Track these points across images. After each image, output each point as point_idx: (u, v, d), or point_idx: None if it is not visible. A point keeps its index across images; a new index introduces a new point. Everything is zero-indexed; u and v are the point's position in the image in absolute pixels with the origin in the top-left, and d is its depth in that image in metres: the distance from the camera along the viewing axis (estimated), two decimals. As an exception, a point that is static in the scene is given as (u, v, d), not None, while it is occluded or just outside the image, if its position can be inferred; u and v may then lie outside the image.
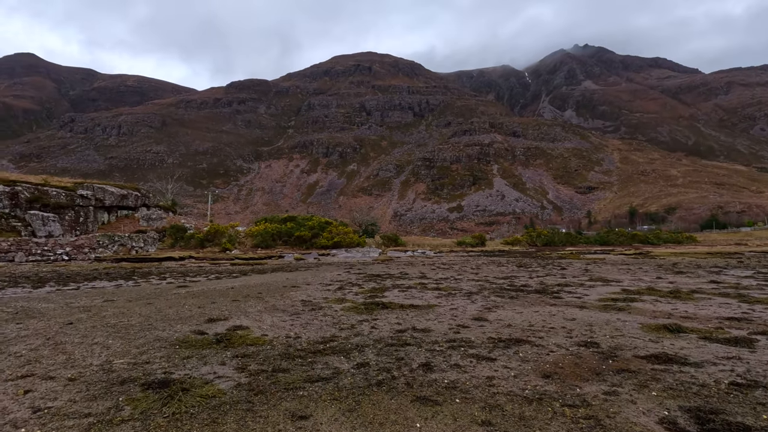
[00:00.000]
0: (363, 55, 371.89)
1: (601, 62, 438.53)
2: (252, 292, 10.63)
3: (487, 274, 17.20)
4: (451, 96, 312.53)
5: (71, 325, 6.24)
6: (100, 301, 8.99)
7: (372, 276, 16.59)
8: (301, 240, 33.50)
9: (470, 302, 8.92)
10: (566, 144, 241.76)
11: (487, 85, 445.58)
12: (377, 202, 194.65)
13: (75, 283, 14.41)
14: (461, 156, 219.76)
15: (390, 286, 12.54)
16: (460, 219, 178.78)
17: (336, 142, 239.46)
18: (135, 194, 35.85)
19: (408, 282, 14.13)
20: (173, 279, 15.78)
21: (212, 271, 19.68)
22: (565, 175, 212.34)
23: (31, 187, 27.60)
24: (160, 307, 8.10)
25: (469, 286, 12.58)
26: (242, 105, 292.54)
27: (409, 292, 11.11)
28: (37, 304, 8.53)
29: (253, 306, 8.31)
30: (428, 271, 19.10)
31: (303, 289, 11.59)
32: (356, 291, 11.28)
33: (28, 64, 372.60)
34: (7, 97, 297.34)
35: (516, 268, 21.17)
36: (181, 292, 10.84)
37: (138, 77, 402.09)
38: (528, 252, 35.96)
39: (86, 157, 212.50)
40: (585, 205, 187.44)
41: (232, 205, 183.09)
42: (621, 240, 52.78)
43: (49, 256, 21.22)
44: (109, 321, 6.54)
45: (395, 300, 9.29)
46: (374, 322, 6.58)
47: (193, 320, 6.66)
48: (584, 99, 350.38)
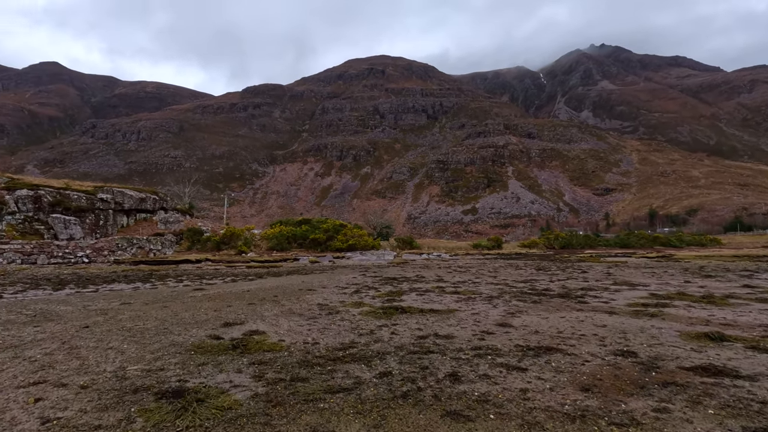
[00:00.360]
0: (376, 59, 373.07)
1: (618, 62, 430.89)
2: (268, 296, 10.50)
3: (506, 278, 16.79)
4: (465, 98, 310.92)
5: (87, 328, 6.15)
6: (117, 304, 8.95)
7: (388, 279, 16.35)
8: (316, 243, 33.47)
9: (492, 307, 8.60)
10: (583, 145, 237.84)
11: (502, 86, 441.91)
12: (391, 204, 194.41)
13: (94, 285, 14.53)
14: (475, 158, 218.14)
15: (407, 290, 12.28)
16: (474, 221, 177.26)
17: (350, 145, 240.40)
18: (153, 198, 36.39)
19: (425, 285, 13.85)
20: (190, 282, 15.81)
21: (228, 273, 19.71)
22: (582, 176, 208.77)
23: (54, 191, 28.22)
24: (176, 310, 8.00)
25: (488, 289, 12.24)
26: (257, 109, 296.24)
27: (427, 295, 10.83)
28: (56, 307, 8.53)
29: (269, 310, 8.15)
30: (445, 275, 18.76)
31: (319, 293, 11.41)
32: (373, 294, 11.05)
33: (52, 72, 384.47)
34: (33, 104, 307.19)
35: (535, 271, 20.67)
36: (198, 295, 10.77)
37: (157, 83, 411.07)
38: (546, 255, 35.24)
39: (107, 162, 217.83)
40: (602, 207, 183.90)
41: (247, 209, 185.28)
42: (642, 243, 51.42)
43: (69, 258, 21.59)
44: (124, 325, 6.45)
45: (413, 304, 9.03)
46: (394, 327, 6.34)
47: (208, 324, 6.52)
48: (601, 99, 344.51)
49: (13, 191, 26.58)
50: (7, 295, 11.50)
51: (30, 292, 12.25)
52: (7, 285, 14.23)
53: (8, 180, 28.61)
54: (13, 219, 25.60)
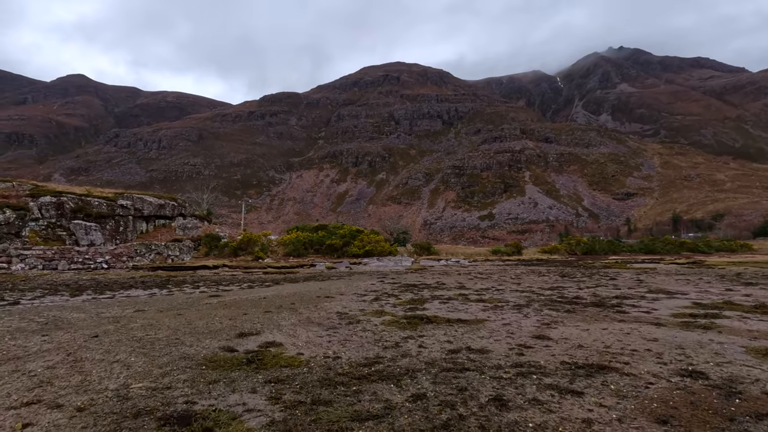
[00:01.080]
0: (391, 66, 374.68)
1: (637, 64, 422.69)
2: (285, 303, 10.10)
3: (531, 285, 16.06)
4: (480, 103, 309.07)
5: (96, 338, 5.83)
6: (131, 311, 8.67)
7: (407, 286, 15.81)
8: (333, 249, 33.12)
9: (522, 316, 8.00)
10: (602, 149, 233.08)
11: (518, 91, 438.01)
12: (406, 210, 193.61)
13: (111, 291, 14.41)
14: (492, 163, 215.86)
15: (429, 297, 11.73)
16: (491, 227, 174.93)
17: (365, 151, 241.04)
18: (172, 204, 36.70)
19: (447, 293, 13.27)
20: (206, 288, 15.58)
21: (245, 279, 19.48)
22: (602, 181, 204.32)
23: (76, 198, 28.66)
24: (190, 318, 7.66)
25: (514, 297, 11.60)
26: (274, 117, 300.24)
27: (451, 303, 10.27)
28: (69, 314, 8.29)
29: (286, 318, 7.73)
30: (466, 281, 18.12)
31: (337, 300, 10.97)
32: (394, 302, 10.54)
33: (78, 84, 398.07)
34: (60, 115, 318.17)
35: (560, 278, 19.83)
36: (213, 302, 10.45)
37: (177, 93, 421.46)
38: (568, 261, 34.12)
39: (129, 170, 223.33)
40: (623, 212, 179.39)
41: (264, 215, 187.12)
42: (668, 248, 49.56)
43: (89, 264, 21.73)
44: (135, 334, 6.10)
45: (438, 313, 8.49)
46: (420, 339, 5.82)
47: (222, 334, 6.13)
48: (620, 102, 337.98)
49: (37, 198, 27.08)
50: (25, 301, 11.40)
51: (48, 298, 12.14)
52: (27, 291, 14.22)
53: (33, 187, 29.23)
54: (37, 225, 26.03)
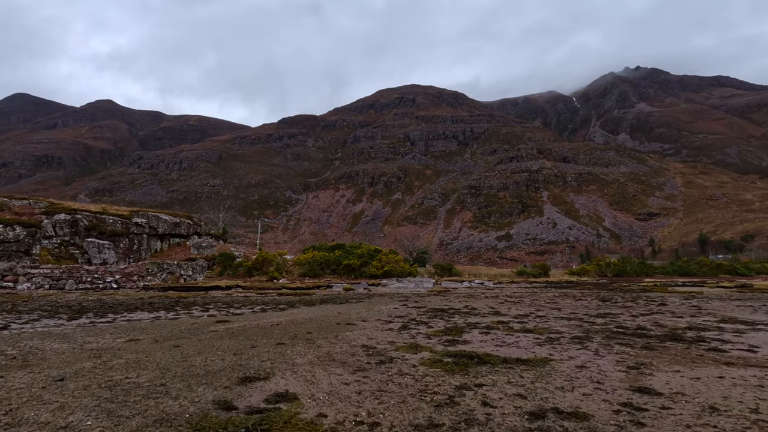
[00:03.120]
0: (407, 88, 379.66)
1: (655, 83, 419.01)
2: (300, 332, 8.73)
3: (574, 311, 14.33)
4: (496, 123, 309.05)
5: (61, 382, 4.55)
6: (123, 341, 7.42)
7: (435, 311, 14.26)
8: (350, 269, 31.75)
9: (594, 354, 6.44)
10: (622, 168, 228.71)
11: (533, 111, 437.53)
12: (422, 230, 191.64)
13: (114, 314, 13.28)
14: (509, 183, 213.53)
15: (464, 326, 10.20)
16: (509, 248, 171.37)
17: (381, 171, 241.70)
18: (187, 222, 36.08)
19: (482, 320, 11.70)
20: (216, 311, 14.34)
21: (258, 301, 18.21)
22: (623, 200, 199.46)
23: (90, 216, 28.19)
24: (187, 352, 6.35)
25: (564, 327, 9.97)
26: (292, 139, 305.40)
27: (494, 334, 8.73)
28: (50, 344, 7.09)
29: (302, 353, 6.36)
30: (498, 306, 16.44)
31: (360, 328, 9.54)
32: (426, 332, 9.06)
33: (106, 109, 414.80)
34: (88, 139, 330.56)
35: (600, 302, 17.96)
36: (219, 329, 9.14)
37: (198, 117, 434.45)
38: (601, 283, 31.89)
39: (151, 191, 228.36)
40: (646, 232, 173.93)
41: (281, 235, 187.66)
42: (704, 270, 46.53)
43: (98, 284, 20.84)
44: (112, 376, 4.81)
45: (484, 347, 7.00)
46: (480, 391, 4.37)
47: (222, 377, 4.79)
48: (639, 122, 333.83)
49: (52, 215, 26.66)
50: (16, 325, 10.31)
51: (42, 322, 11.04)
52: (24, 313, 13.20)
53: (48, 204, 28.93)
54: (50, 243, 25.49)
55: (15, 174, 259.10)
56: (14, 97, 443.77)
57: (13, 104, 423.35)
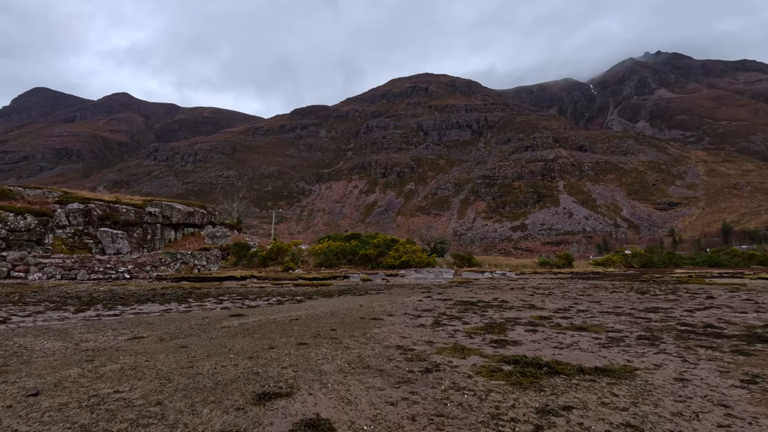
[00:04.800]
0: (419, 77, 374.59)
1: (676, 69, 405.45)
2: (323, 328, 7.76)
3: (617, 304, 13.10)
4: (510, 112, 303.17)
5: (34, 398, 3.63)
6: (124, 339, 6.54)
7: (464, 304, 13.19)
8: (366, 259, 30.82)
9: (681, 361, 5.30)
10: (641, 157, 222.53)
11: (549, 99, 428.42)
12: (436, 221, 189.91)
13: (123, 306, 12.56)
14: (523, 173, 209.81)
15: (502, 321, 9.13)
16: (524, 238, 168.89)
17: (394, 162, 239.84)
18: (201, 212, 35.53)
19: (519, 314, 10.59)
20: (230, 303, 13.53)
21: (274, 293, 17.40)
22: (642, 190, 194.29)
23: (104, 205, 27.74)
24: (194, 354, 5.42)
25: (617, 323, 8.81)
26: (304, 130, 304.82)
27: (543, 332, 7.64)
28: (42, 343, 6.24)
29: (329, 357, 5.37)
30: (529, 298, 15.29)
31: (388, 324, 8.54)
32: (464, 329, 8.00)
33: (122, 102, 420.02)
34: (105, 132, 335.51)
35: (639, 294, 16.64)
36: (233, 324, 8.23)
37: (212, 109, 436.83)
38: (630, 275, 30.35)
39: (167, 183, 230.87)
40: (666, 222, 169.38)
41: (294, 226, 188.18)
42: (735, 261, 44.43)
43: (111, 274, 20.31)
44: (99, 390, 3.87)
45: (541, 350, 5.92)
46: (572, 417, 3.30)
47: (234, 393, 3.81)
48: (659, 108, 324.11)
49: (65, 205, 26.27)
50: (16, 318, 9.58)
51: (46, 315, 10.32)
52: (31, 304, 12.55)
53: (61, 194, 28.59)
54: (63, 233, 25.10)
55: (36, 167, 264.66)
56: (34, 91, 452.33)
57: (34, 98, 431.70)
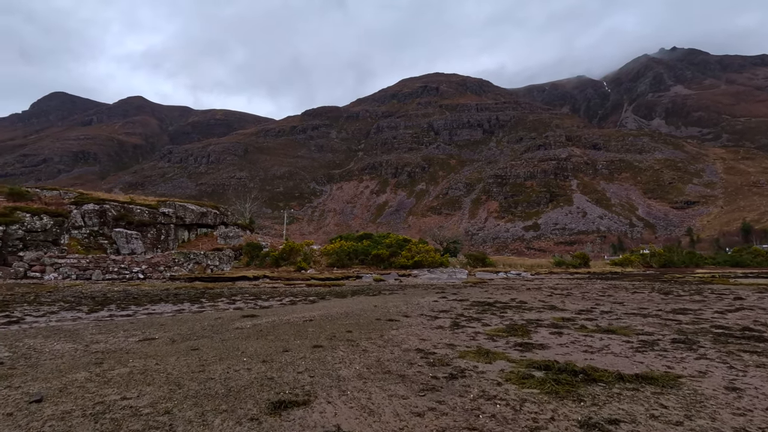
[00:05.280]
0: (430, 77, 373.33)
1: (693, 65, 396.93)
2: (338, 329, 7.50)
3: (641, 305, 12.59)
4: (522, 111, 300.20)
5: (36, 404, 3.42)
6: (135, 341, 6.36)
7: (481, 304, 12.82)
8: (379, 259, 30.55)
9: (727, 368, 4.89)
10: (656, 155, 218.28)
11: (561, 97, 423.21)
12: (447, 221, 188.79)
13: (136, 306, 12.48)
14: (536, 172, 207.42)
15: (524, 323, 8.75)
16: (536, 238, 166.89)
17: (404, 162, 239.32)
18: (214, 212, 35.69)
19: (540, 315, 10.18)
20: (243, 303, 13.38)
21: (286, 293, 17.23)
22: (657, 188, 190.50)
23: (118, 206, 27.99)
24: (206, 357, 5.18)
25: (646, 325, 8.37)
26: (315, 131, 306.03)
27: (569, 335, 7.25)
28: (52, 344, 6.09)
29: (346, 361, 5.08)
30: (548, 299, 14.83)
31: (405, 326, 8.23)
32: (484, 331, 7.66)
33: (137, 105, 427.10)
34: (121, 134, 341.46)
35: (662, 295, 16.05)
36: (246, 325, 8.01)
37: (225, 111, 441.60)
38: (650, 275, 29.54)
39: (181, 184, 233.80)
40: (683, 221, 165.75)
41: (306, 226, 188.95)
42: (758, 261, 43.17)
43: (125, 274, 20.40)
44: (106, 396, 3.64)
45: (572, 354, 5.56)
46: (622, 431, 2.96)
47: (247, 400, 3.55)
48: (675, 106, 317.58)
49: (81, 206, 26.55)
50: (30, 318, 9.53)
51: (59, 315, 10.26)
52: (45, 304, 12.56)
53: (77, 195, 28.92)
54: (79, 233, 25.37)
55: (54, 169, 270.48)
56: (52, 95, 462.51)
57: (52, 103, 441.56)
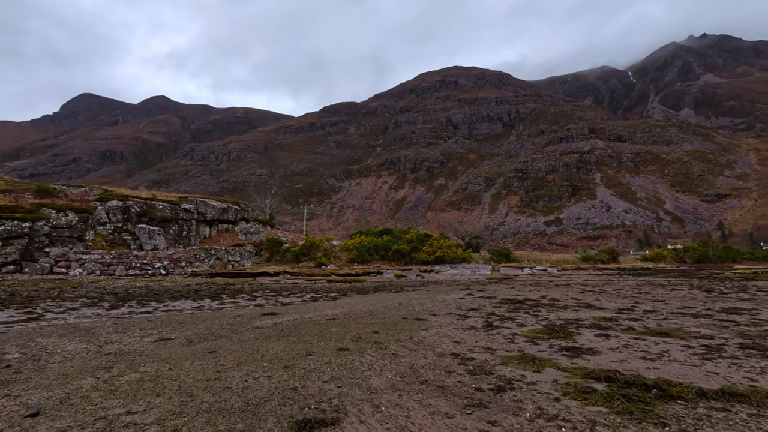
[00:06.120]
0: (448, 70, 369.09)
1: (724, 52, 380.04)
2: (364, 329, 7.01)
3: (685, 304, 11.69)
4: (543, 103, 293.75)
5: (32, 419, 3.02)
6: (151, 341, 6.01)
7: (512, 302, 12.14)
8: (399, 254, 30.04)
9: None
10: (685, 146, 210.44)
11: (584, 89, 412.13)
12: (466, 216, 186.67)
13: (157, 302, 12.31)
14: (558, 165, 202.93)
15: (562, 323, 8.08)
16: (558, 233, 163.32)
17: (423, 157, 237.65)
18: (234, 208, 35.82)
19: (577, 315, 9.46)
20: (263, 300, 13.07)
21: (307, 289, 16.91)
22: (686, 181, 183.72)
23: (141, 202, 28.29)
24: (223, 361, 4.76)
25: (700, 327, 7.58)
26: (334, 127, 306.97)
27: (616, 337, 6.56)
28: (65, 344, 5.79)
29: (376, 368, 4.57)
30: (580, 296, 14.02)
31: (435, 326, 7.68)
32: (522, 332, 7.04)
33: (160, 104, 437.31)
34: (145, 134, 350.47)
35: (705, 293, 15.01)
36: (266, 324, 7.61)
37: (245, 108, 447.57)
38: (684, 270, 28.10)
39: (203, 182, 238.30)
40: (714, 215, 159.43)
41: (325, 222, 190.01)
42: (801, 256, 40.77)
43: (147, 269, 20.50)
44: (109, 410, 3.22)
45: (630, 361, 4.90)
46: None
47: (268, 418, 3.07)
48: (704, 95, 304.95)
49: (105, 202, 26.94)
50: (50, 315, 9.39)
51: (80, 312, 10.13)
52: (68, 300, 12.52)
53: (102, 192, 29.39)
54: (104, 229, 25.72)
55: (84, 168, 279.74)
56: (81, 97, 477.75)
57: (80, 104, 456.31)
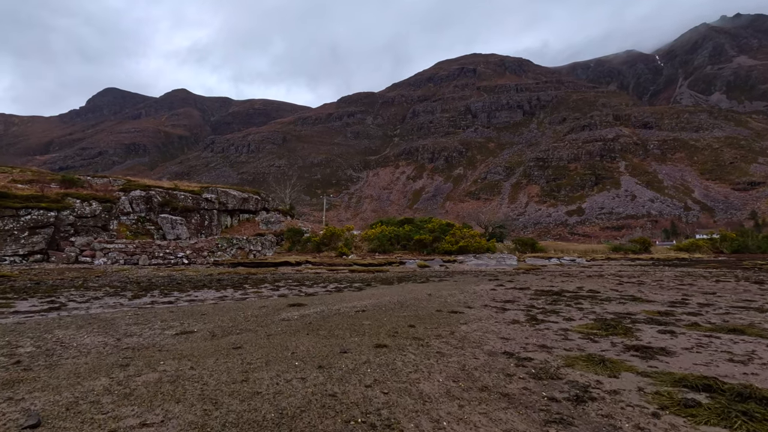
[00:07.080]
0: (467, 58, 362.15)
1: (760, 32, 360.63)
2: (398, 323, 6.44)
3: (740, 296, 10.74)
4: (565, 90, 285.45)
5: (31, 430, 2.55)
6: (171, 334, 5.58)
7: (547, 294, 11.40)
8: (421, 244, 29.39)
9: None
10: (716, 133, 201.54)
11: (607, 74, 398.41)
12: (486, 206, 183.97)
13: (179, 292, 12.05)
14: (580, 153, 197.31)
15: (613, 317, 7.33)
16: (580, 223, 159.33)
17: (441, 147, 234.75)
18: (255, 198, 35.74)
19: (626, 308, 8.68)
20: (287, 290, 12.69)
21: (330, 279, 16.49)
22: (717, 169, 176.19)
23: (163, 192, 28.38)
24: (250, 360, 4.26)
25: (777, 324, 6.74)
26: (351, 118, 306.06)
27: (684, 334, 5.82)
28: (82, 337, 5.41)
29: (422, 370, 3.99)
30: (620, 288, 13.15)
31: (473, 319, 7.06)
32: (571, 327, 6.34)
33: (181, 98, 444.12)
34: (167, 126, 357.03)
35: (758, 285, 13.91)
36: (293, 316, 7.12)
37: (263, 100, 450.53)
38: (724, 261, 26.60)
39: (223, 173, 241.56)
40: (746, 204, 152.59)
41: (343, 213, 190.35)
42: None
43: (170, 259, 20.47)
44: (121, 421, 2.73)
45: (719, 365, 4.19)
46: None
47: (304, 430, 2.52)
48: (738, 78, 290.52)
49: (128, 192, 27.10)
50: (73, 305, 9.17)
51: (102, 301, 9.89)
52: (92, 290, 12.39)
53: (125, 182, 29.62)
54: (128, 219, 25.90)
55: (110, 161, 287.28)
56: (105, 91, 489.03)
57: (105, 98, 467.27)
